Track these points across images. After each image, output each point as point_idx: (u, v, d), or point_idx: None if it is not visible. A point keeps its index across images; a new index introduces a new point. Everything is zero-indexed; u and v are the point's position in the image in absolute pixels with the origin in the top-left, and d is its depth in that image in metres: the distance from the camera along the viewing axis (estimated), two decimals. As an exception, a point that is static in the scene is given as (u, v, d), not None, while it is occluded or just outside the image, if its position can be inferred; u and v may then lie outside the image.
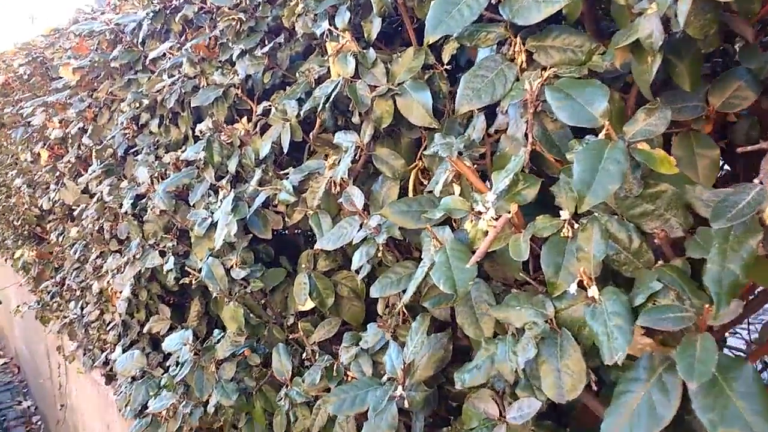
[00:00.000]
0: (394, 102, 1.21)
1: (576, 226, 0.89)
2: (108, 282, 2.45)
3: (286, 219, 1.48)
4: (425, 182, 1.30)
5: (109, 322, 2.59)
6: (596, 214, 0.85)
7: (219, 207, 1.63)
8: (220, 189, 1.74)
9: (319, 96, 1.29)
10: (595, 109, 0.84)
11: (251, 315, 1.58)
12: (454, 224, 1.16)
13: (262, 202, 1.47)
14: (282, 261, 1.75)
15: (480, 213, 0.97)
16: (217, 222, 1.60)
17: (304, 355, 1.54)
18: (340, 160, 1.33)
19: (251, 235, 1.57)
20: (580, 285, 0.83)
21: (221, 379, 1.66)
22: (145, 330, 2.25)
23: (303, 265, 1.48)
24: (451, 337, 1.15)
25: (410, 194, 1.29)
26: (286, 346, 1.49)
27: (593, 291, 0.82)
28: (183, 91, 1.86)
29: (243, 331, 1.57)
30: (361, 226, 1.26)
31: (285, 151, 1.49)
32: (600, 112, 0.83)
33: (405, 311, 1.27)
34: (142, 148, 2.14)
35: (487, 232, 0.96)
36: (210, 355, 1.71)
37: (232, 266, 1.59)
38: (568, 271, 0.86)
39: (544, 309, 0.89)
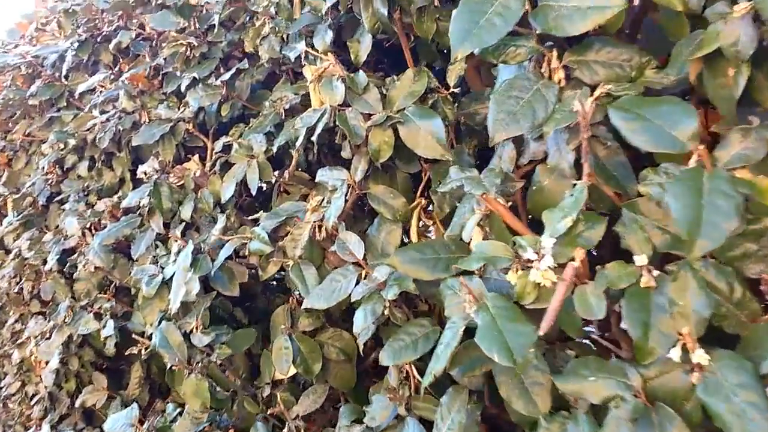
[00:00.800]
0: (395, 132, 1.01)
1: (654, 273, 0.71)
2: (31, 350, 2.07)
3: (260, 272, 1.23)
4: (428, 223, 1.10)
5: (33, 395, 2.19)
6: (686, 258, 0.68)
7: (170, 261, 1.36)
8: (168, 239, 1.47)
9: (301, 128, 1.07)
10: (680, 132, 0.67)
11: (217, 388, 1.30)
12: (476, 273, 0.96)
13: (229, 253, 1.22)
14: (237, 314, 1.49)
15: (529, 261, 0.78)
16: (169, 279, 1.32)
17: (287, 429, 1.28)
18: (325, 201, 1.11)
19: (214, 293, 1.31)
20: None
21: (181, 467, 1.36)
22: (77, 403, 1.89)
23: (280, 325, 1.23)
24: (482, 409, 0.95)
25: (414, 238, 1.08)
26: (265, 424, 1.23)
27: (699, 356, 0.64)
28: (120, 128, 1.58)
29: (207, 407, 1.29)
30: (359, 278, 1.04)
31: (253, 192, 1.25)
32: (687, 134, 0.67)
33: (416, 376, 1.05)
34: (69, 195, 1.82)
35: (539, 284, 0.77)
36: (165, 437, 1.41)
37: (192, 330, 1.31)
38: (658, 330, 0.68)
39: (627, 379, 0.71)
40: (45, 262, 1.84)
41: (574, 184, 0.78)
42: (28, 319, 2.09)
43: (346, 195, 1.08)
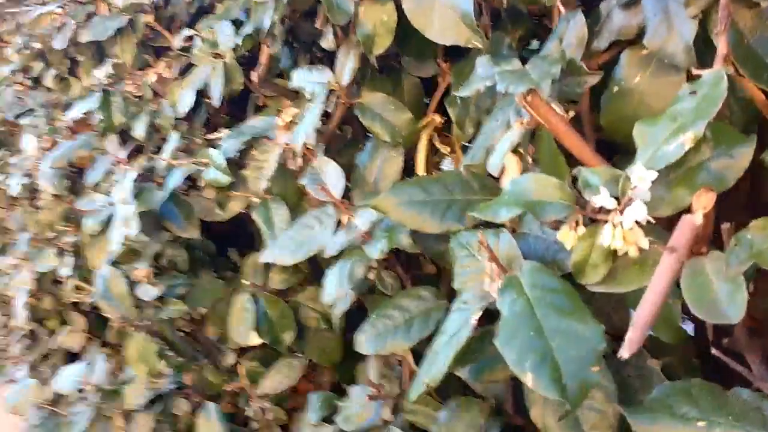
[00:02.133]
0: (398, 8, 0.66)
1: None
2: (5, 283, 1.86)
3: (218, 211, 0.92)
4: (444, 151, 0.76)
5: (15, 331, 2.00)
6: None
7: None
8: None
9: (266, 5, 0.73)
10: None
11: (170, 352, 1.03)
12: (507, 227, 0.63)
13: (179, 183, 0.90)
14: (232, 256, 1.19)
15: (600, 211, 0.44)
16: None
17: (251, 413, 1.00)
18: (301, 116, 0.77)
19: (167, 234, 1.00)
20: None
21: (133, 439, 1.11)
22: (56, 344, 1.66)
23: (246, 279, 0.93)
24: (503, 425, 0.63)
25: (421, 171, 0.75)
26: (217, 407, 0.94)
27: None
28: (76, 24, 1.26)
29: (158, 373, 1.01)
30: (338, 225, 0.71)
31: (216, 103, 0.92)
32: None
33: (411, 365, 0.73)
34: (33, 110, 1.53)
35: (615, 251, 0.43)
36: (116, 401, 1.15)
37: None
38: None
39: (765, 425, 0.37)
40: (12, 186, 1.58)
41: (695, 77, 0.42)
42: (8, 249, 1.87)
43: (326, 106, 0.74)
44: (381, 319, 0.65)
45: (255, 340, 0.90)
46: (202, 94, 0.99)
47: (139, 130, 1.06)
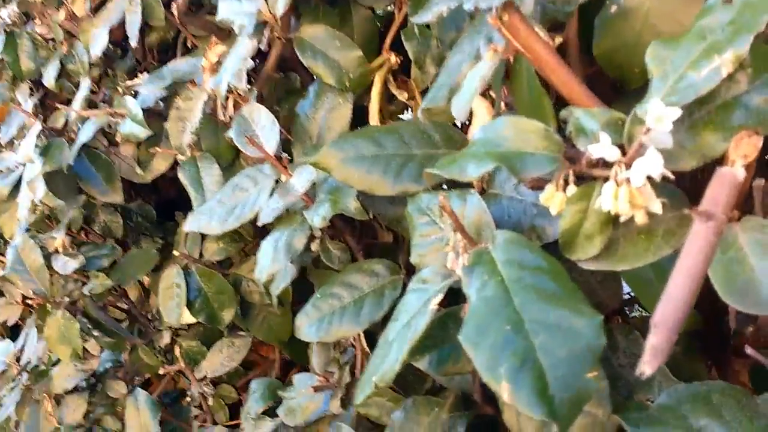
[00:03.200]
0: None
1: None
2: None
3: (139, 171, 0.78)
4: (401, 97, 0.64)
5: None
6: None
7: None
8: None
9: None
10: None
11: (96, 332, 0.90)
12: (475, 187, 0.52)
13: (90, 137, 0.76)
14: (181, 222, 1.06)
15: (597, 165, 0.33)
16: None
17: (188, 398, 0.89)
18: (227, 55, 0.64)
19: (83, 197, 0.87)
20: None
21: (62, 425, 0.99)
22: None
23: (177, 249, 0.81)
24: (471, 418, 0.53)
25: (374, 122, 0.63)
26: (148, 395, 0.83)
27: None
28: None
29: (80, 356, 0.89)
30: (276, 185, 0.59)
31: (135, 43, 0.78)
32: None
33: (365, 347, 0.63)
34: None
35: (617, 217, 0.33)
36: (44, 383, 1.03)
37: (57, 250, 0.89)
38: None
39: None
40: None
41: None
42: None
43: (259, 41, 0.60)
44: (326, 299, 0.54)
45: (187, 318, 0.78)
46: (124, 36, 0.84)
47: (50, 78, 0.90)
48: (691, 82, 0.28)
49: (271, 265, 0.54)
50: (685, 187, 0.35)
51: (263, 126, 0.57)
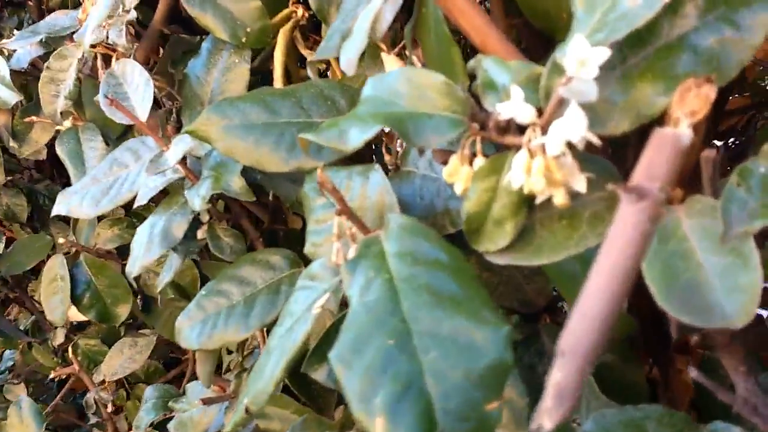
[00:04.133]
0: None
1: None
2: None
3: (13, 143, 0.68)
4: (312, 59, 0.55)
5: None
6: None
7: None
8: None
9: None
10: None
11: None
12: (387, 158, 0.45)
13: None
14: None
15: (510, 131, 0.26)
16: None
17: (85, 402, 0.79)
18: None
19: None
20: None
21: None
22: None
23: (63, 236, 0.70)
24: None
25: (279, 84, 0.54)
26: (33, 403, 0.73)
27: None
28: None
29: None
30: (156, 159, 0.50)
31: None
32: None
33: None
34: None
35: (534, 195, 0.26)
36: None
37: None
38: None
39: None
40: None
41: None
42: None
43: (137, -14, 0.51)
44: (212, 297, 0.46)
45: (75, 315, 0.69)
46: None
47: None
48: (624, 11, 0.21)
49: (144, 255, 0.46)
50: (619, 160, 0.28)
51: (136, 86, 0.48)
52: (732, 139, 0.80)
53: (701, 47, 0.23)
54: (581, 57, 0.22)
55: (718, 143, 0.76)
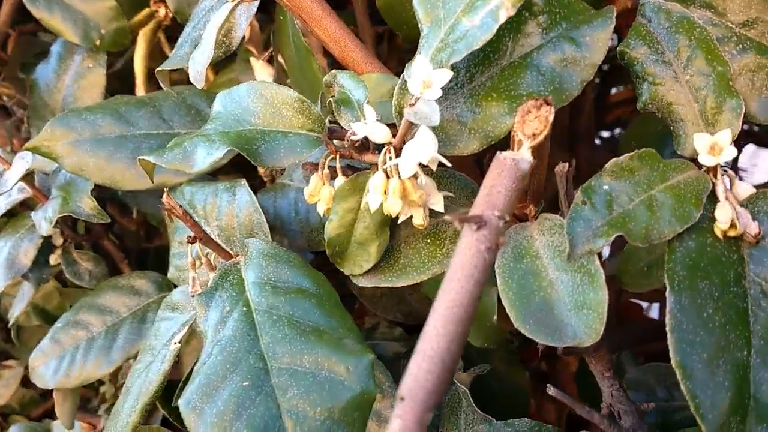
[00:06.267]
0: None
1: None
2: None
3: None
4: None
5: None
6: None
7: None
8: None
9: None
10: None
11: None
12: (261, 171, 0.43)
13: None
14: None
15: (368, 150, 0.25)
16: None
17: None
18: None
19: None
20: None
21: None
22: None
23: None
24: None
25: (141, 90, 0.50)
26: None
27: None
28: None
29: None
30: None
31: None
32: None
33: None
34: None
35: (390, 217, 0.25)
36: None
37: None
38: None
39: None
40: None
41: None
42: None
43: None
44: (69, 329, 0.42)
45: None
46: None
47: None
48: (463, 32, 0.21)
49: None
50: (479, 174, 0.29)
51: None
52: (618, 130, 0.84)
53: (544, 66, 0.23)
54: (426, 78, 0.21)
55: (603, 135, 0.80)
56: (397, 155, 0.24)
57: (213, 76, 0.52)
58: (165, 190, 0.29)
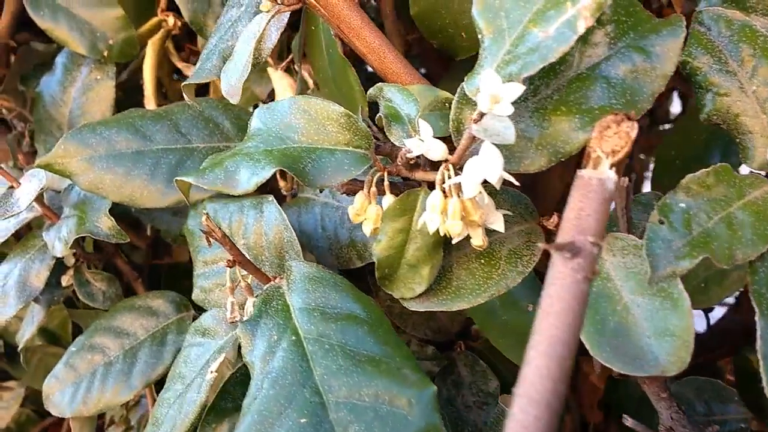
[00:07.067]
0: None
1: None
2: None
3: None
4: (187, 71, 0.51)
5: None
6: None
7: None
8: None
9: None
10: None
11: None
12: (281, 184, 0.41)
13: None
14: None
15: (421, 167, 0.24)
16: None
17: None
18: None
19: None
20: None
21: None
22: None
23: None
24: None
25: (151, 105, 0.49)
26: None
27: None
28: None
29: None
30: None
31: None
32: None
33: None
34: None
35: (465, 239, 0.24)
36: None
37: None
38: None
39: None
40: None
41: None
42: None
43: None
44: (84, 353, 0.40)
45: None
46: None
47: None
48: (535, 44, 0.20)
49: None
50: (529, 188, 0.27)
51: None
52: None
53: (614, 77, 0.22)
54: (492, 93, 0.20)
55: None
56: (455, 173, 0.23)
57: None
58: (204, 213, 0.27)
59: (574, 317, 0.16)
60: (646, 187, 0.65)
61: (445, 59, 0.36)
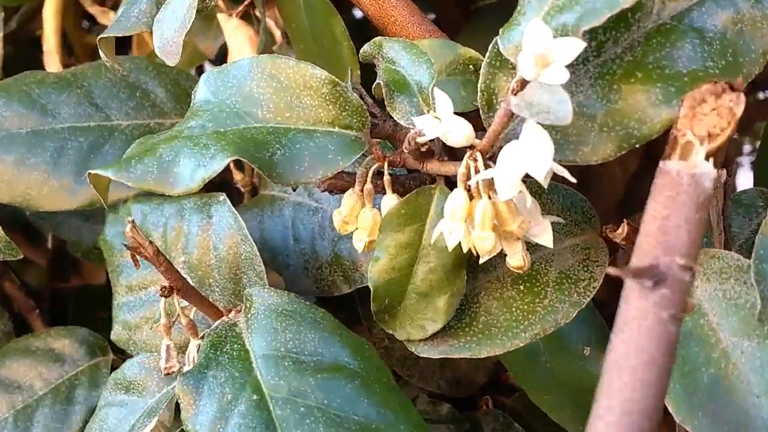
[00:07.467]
0: None
1: None
2: None
3: None
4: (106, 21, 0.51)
5: None
6: None
7: None
8: None
9: None
10: None
11: None
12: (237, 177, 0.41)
13: None
14: None
15: (434, 157, 0.23)
16: None
17: None
18: None
19: None
20: None
21: None
22: None
23: None
24: None
25: (54, 65, 0.48)
26: None
27: None
28: None
29: None
30: None
31: None
32: None
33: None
34: None
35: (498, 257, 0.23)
36: None
37: None
38: None
39: None
40: None
41: None
42: None
43: None
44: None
45: None
46: None
47: None
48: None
49: None
50: (583, 182, 0.27)
51: None
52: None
53: (709, 30, 0.21)
54: (541, 51, 0.19)
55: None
56: (486, 165, 0.22)
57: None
58: (128, 219, 0.27)
59: (659, 374, 0.16)
60: (743, 181, 0.65)
61: (465, 2, 0.36)
